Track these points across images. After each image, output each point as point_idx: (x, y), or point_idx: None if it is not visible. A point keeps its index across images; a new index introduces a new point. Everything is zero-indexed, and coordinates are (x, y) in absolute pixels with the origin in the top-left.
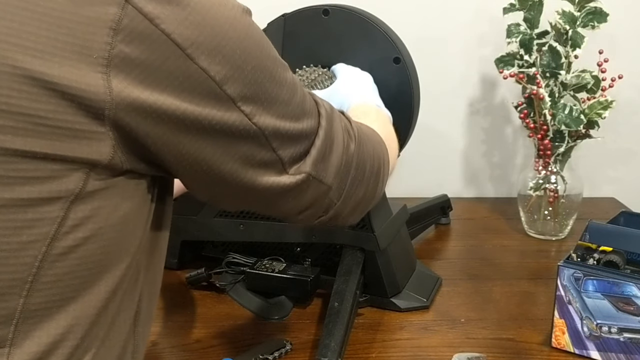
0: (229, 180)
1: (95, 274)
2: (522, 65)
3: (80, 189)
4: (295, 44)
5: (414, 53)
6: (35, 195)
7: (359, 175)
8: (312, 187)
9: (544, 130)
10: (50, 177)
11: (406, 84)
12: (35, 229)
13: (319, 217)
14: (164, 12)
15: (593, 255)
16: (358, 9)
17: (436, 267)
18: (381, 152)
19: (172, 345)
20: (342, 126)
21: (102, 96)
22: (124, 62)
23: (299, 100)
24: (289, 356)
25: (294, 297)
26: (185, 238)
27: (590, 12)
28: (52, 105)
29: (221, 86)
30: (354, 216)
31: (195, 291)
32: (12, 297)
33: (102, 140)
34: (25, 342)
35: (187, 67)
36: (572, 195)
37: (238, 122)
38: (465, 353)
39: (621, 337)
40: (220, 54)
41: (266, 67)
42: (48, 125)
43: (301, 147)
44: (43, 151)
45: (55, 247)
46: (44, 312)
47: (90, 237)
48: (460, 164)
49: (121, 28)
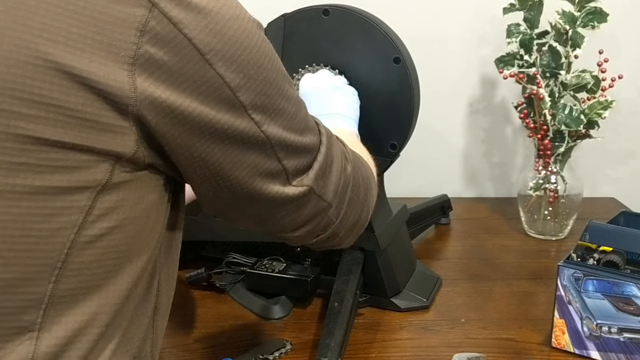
0: (235, 187)
1: (119, 264)
2: (522, 65)
3: (107, 180)
4: (295, 44)
5: (414, 53)
6: (64, 184)
7: (355, 197)
8: (313, 201)
9: (544, 130)
10: (79, 167)
11: (406, 84)
12: (64, 217)
13: (317, 235)
14: (187, 18)
15: (593, 255)
16: (358, 9)
17: (436, 267)
18: (370, 177)
19: (172, 345)
20: (340, 148)
21: (127, 92)
22: (149, 62)
23: (303, 116)
24: (289, 356)
25: (294, 297)
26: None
27: (590, 12)
28: (81, 98)
29: (235, 93)
30: (350, 238)
31: (195, 291)
32: (42, 282)
33: (127, 134)
34: (53, 327)
35: (205, 72)
36: (572, 195)
37: (248, 129)
38: (465, 353)
39: (621, 337)
40: (235, 62)
41: (275, 81)
42: (77, 117)
43: (304, 160)
44: (72, 142)
45: (82, 235)
46: (71, 299)
47: (115, 227)
48: (460, 164)
49: (147, 30)
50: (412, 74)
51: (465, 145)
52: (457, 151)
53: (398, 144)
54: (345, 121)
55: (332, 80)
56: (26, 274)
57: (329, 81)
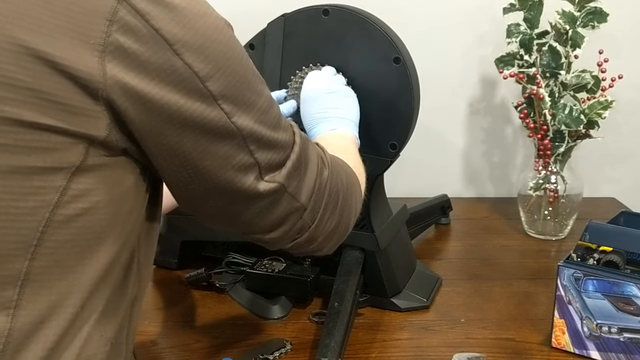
0: (206, 178)
1: (94, 245)
2: (522, 65)
3: (81, 162)
4: (295, 44)
5: (414, 53)
6: (40, 164)
7: (332, 202)
8: (285, 200)
9: (544, 130)
10: (54, 148)
11: (406, 84)
12: (40, 196)
13: (294, 239)
14: (154, 11)
15: (593, 255)
16: (358, 9)
17: (436, 267)
18: (353, 184)
19: (172, 345)
20: (317, 152)
21: (96, 77)
22: (118, 50)
23: (275, 113)
24: (289, 356)
25: (294, 297)
26: (185, 238)
27: (590, 12)
28: (54, 82)
29: (204, 82)
30: (330, 244)
31: (195, 291)
32: (18, 259)
33: (99, 118)
34: (29, 304)
35: (173, 62)
36: (572, 195)
37: (217, 119)
38: (465, 353)
39: (621, 337)
40: (203, 54)
41: (245, 75)
42: (51, 100)
43: (277, 156)
44: (47, 123)
45: (57, 214)
46: (46, 277)
47: (89, 208)
48: (460, 164)
49: (116, 20)
50: (412, 74)
51: (465, 145)
52: (457, 151)
53: (398, 144)
54: (344, 124)
55: (333, 81)
56: (3, 250)
57: (330, 82)
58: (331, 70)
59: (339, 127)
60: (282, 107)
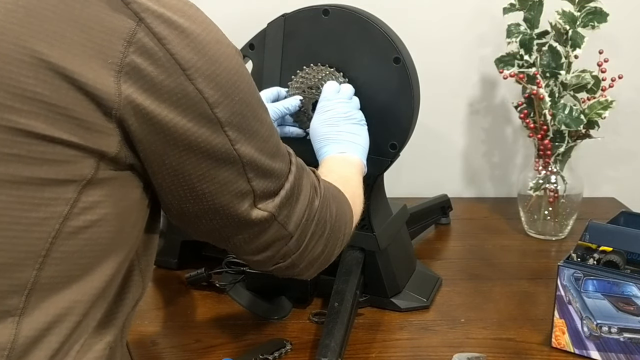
0: (202, 200)
1: (100, 256)
2: (522, 65)
3: (92, 175)
4: (295, 44)
5: (414, 53)
6: (52, 176)
7: (319, 231)
8: (274, 229)
9: (544, 130)
10: (66, 161)
11: (406, 84)
12: (51, 207)
13: (276, 263)
14: (171, 35)
15: (593, 255)
16: (358, 9)
17: (436, 267)
18: (344, 214)
19: (172, 345)
20: (310, 181)
21: (112, 96)
22: (134, 70)
23: (275, 141)
24: (289, 356)
25: (294, 297)
26: (185, 238)
27: (590, 12)
28: (71, 97)
29: (212, 108)
30: (311, 271)
31: (195, 291)
32: (26, 269)
33: (111, 135)
34: (34, 312)
35: (185, 87)
36: (572, 195)
37: (221, 145)
38: (465, 353)
39: (621, 337)
40: (214, 80)
41: (251, 104)
42: (66, 115)
43: (272, 185)
44: (61, 137)
45: (67, 225)
46: (53, 286)
47: (98, 220)
48: (460, 164)
49: (134, 41)
50: (412, 74)
51: (465, 145)
52: (457, 151)
53: (398, 144)
54: (355, 150)
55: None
56: (12, 259)
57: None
58: (351, 90)
59: (349, 152)
60: (285, 102)
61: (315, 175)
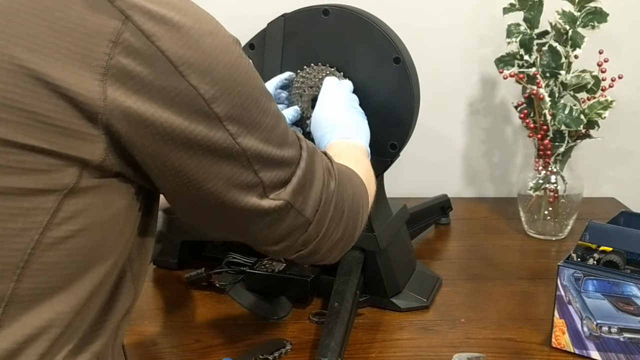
0: (209, 197)
1: (83, 267)
2: (522, 65)
3: (74, 184)
4: (295, 44)
5: (414, 53)
6: (32, 186)
7: (337, 214)
8: (291, 216)
9: (544, 130)
10: (47, 170)
11: (406, 84)
12: (30, 217)
13: (298, 251)
14: (160, 31)
15: (593, 255)
16: (358, 9)
17: (436, 267)
18: (361, 195)
19: (172, 345)
20: (324, 164)
21: (97, 101)
22: (121, 72)
23: (282, 130)
24: (289, 356)
25: (294, 297)
26: (185, 238)
27: (590, 12)
28: (52, 105)
29: (209, 104)
30: (333, 255)
31: (195, 291)
32: (3, 281)
33: (96, 142)
34: (12, 324)
35: (178, 84)
36: (572, 195)
37: (222, 140)
38: (465, 353)
39: (621, 337)
40: (209, 75)
41: (252, 95)
42: (47, 123)
43: (282, 174)
44: (41, 146)
45: (47, 236)
46: (33, 299)
47: (80, 230)
48: (460, 164)
49: (120, 41)
50: (412, 74)
51: (465, 145)
52: (457, 151)
53: (398, 144)
54: (359, 135)
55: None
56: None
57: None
58: (351, 85)
59: (354, 137)
60: (285, 112)
61: (328, 157)
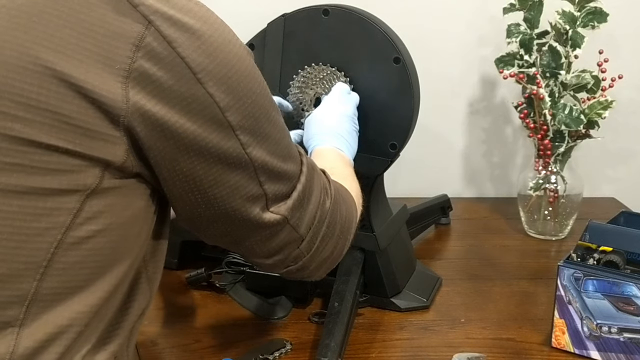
0: (214, 204)
1: (103, 267)
2: (522, 65)
3: (97, 185)
4: (295, 44)
5: (414, 53)
6: (55, 186)
7: (329, 233)
8: (286, 232)
9: (544, 130)
10: (70, 170)
11: (406, 84)
12: (53, 217)
13: (287, 266)
14: (181, 38)
15: (593, 255)
16: (358, 9)
17: (436, 267)
18: (352, 215)
19: (172, 345)
20: (321, 182)
21: (119, 103)
22: (142, 76)
23: (287, 143)
24: (289, 356)
25: (293, 297)
26: (185, 238)
27: (590, 12)
28: (76, 106)
29: (224, 112)
30: (319, 272)
31: (195, 291)
32: (27, 280)
33: (117, 143)
34: (34, 323)
35: (196, 90)
36: (572, 195)
37: (232, 149)
38: (465, 353)
39: (621, 337)
40: (225, 84)
41: (263, 105)
42: (71, 124)
43: (284, 188)
44: (65, 146)
45: (69, 236)
46: (54, 297)
47: (101, 230)
48: (460, 164)
49: (143, 45)
50: (412, 74)
51: (465, 145)
52: (457, 151)
53: (398, 144)
54: (348, 150)
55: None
56: (12, 270)
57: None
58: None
59: (345, 151)
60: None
61: (326, 176)
